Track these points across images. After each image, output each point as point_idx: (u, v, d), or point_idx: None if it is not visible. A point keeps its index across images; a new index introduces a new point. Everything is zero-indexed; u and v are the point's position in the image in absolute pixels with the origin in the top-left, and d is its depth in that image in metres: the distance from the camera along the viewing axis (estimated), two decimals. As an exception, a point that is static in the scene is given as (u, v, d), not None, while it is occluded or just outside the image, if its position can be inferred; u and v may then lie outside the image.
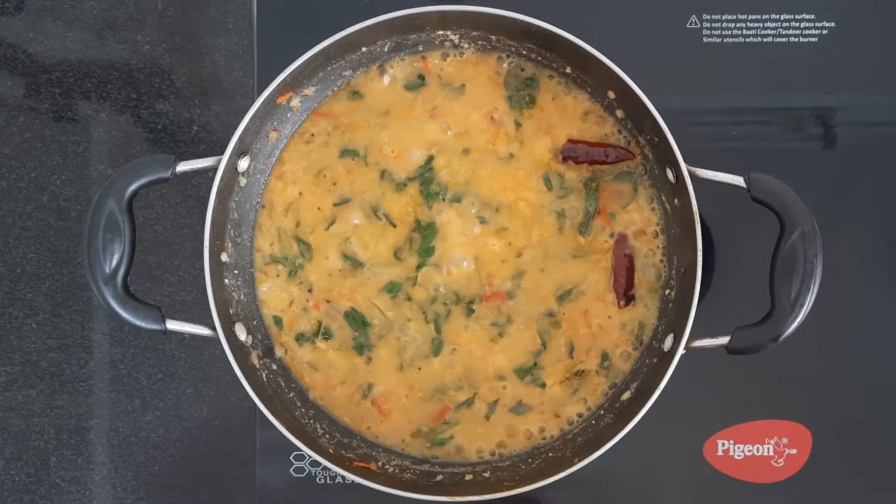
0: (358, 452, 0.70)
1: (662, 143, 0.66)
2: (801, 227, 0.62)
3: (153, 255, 0.78)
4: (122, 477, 0.78)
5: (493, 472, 0.70)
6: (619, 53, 0.66)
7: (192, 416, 0.77)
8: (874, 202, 0.77)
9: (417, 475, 0.70)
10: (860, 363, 0.76)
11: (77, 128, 0.79)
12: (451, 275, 0.71)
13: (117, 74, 0.79)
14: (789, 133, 0.78)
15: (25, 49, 0.79)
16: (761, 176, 0.63)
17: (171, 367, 0.78)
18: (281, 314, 0.72)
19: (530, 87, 0.72)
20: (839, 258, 0.69)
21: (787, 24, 0.77)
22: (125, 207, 0.62)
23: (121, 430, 0.78)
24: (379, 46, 0.71)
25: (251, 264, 0.72)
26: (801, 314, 0.62)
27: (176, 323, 0.64)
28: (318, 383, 0.72)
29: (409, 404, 0.72)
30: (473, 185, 0.72)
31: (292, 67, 0.66)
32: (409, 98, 0.73)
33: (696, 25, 0.78)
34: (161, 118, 0.79)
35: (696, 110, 0.78)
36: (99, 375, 0.77)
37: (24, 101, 0.79)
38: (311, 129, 0.73)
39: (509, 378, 0.71)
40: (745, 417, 0.75)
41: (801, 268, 0.61)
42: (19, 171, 0.79)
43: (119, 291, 0.62)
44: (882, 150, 0.78)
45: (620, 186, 0.72)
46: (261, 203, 0.72)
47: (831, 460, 0.75)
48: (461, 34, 0.71)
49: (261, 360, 0.70)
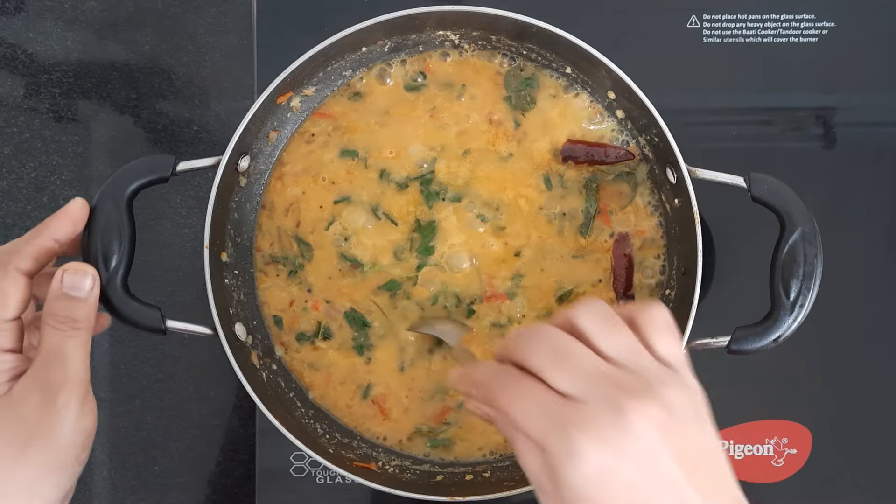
0: (358, 452, 0.70)
1: (662, 143, 0.66)
2: (801, 228, 0.62)
3: (153, 255, 0.78)
4: (122, 477, 0.78)
5: (493, 473, 0.70)
6: (619, 53, 0.66)
7: (192, 416, 0.77)
8: (875, 202, 0.77)
9: (417, 475, 0.70)
10: (861, 363, 0.76)
11: (77, 128, 0.79)
12: (452, 275, 0.71)
13: (117, 74, 0.79)
14: (789, 133, 0.78)
15: (25, 49, 0.79)
16: (761, 176, 0.63)
17: (171, 367, 0.78)
18: (281, 314, 0.72)
19: (530, 87, 0.72)
20: (840, 258, 0.69)
21: (787, 23, 0.77)
22: (125, 207, 0.62)
23: (121, 430, 0.78)
24: (379, 46, 0.71)
25: (251, 264, 0.72)
26: (801, 314, 0.62)
27: (176, 323, 0.64)
28: (318, 383, 0.72)
29: (409, 404, 0.72)
30: (473, 185, 0.72)
31: (292, 67, 0.66)
32: (408, 98, 0.73)
33: (696, 25, 0.77)
34: (161, 118, 0.79)
35: (696, 110, 0.78)
36: (99, 375, 0.77)
37: (24, 101, 0.79)
38: (312, 129, 0.73)
39: (509, 378, 0.71)
40: (745, 417, 0.75)
41: (802, 268, 0.61)
42: (19, 171, 0.79)
43: (119, 291, 0.62)
44: (882, 150, 0.78)
45: (620, 186, 0.72)
46: (261, 203, 0.72)
47: (832, 460, 0.75)
48: (461, 34, 0.71)
49: (261, 360, 0.70)
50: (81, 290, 0.53)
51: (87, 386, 0.52)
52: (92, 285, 0.54)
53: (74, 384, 0.51)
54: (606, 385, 0.42)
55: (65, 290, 0.53)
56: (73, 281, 0.53)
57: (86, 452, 0.53)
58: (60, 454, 0.51)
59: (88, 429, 0.53)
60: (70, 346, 0.52)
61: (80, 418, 0.52)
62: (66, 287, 0.53)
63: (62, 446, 0.51)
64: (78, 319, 0.53)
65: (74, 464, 0.52)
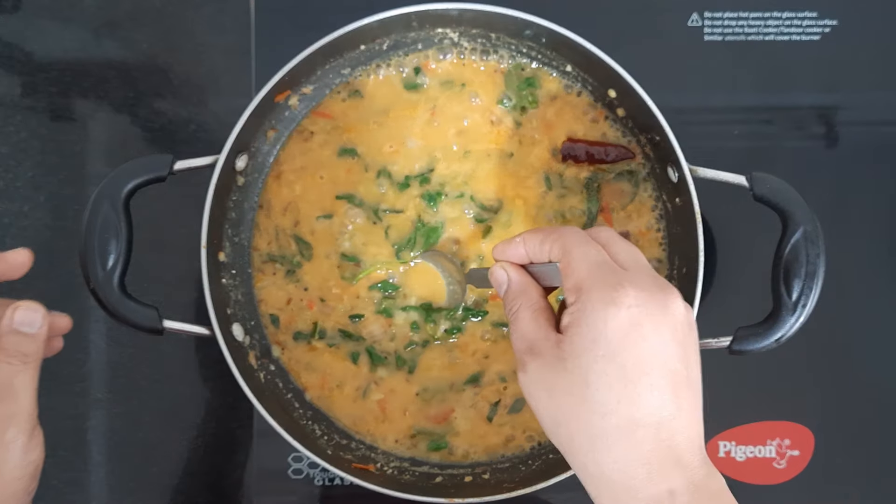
0: (356, 454, 0.70)
1: (663, 141, 0.66)
2: (803, 227, 0.61)
3: (150, 255, 0.77)
4: (120, 478, 0.77)
5: (492, 474, 0.70)
6: (619, 51, 0.66)
7: (190, 417, 0.77)
8: (877, 201, 0.77)
9: (416, 477, 0.69)
10: (863, 364, 0.76)
11: (74, 127, 0.79)
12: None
13: (115, 73, 0.78)
14: (791, 132, 0.77)
15: (22, 48, 0.79)
16: (763, 175, 0.63)
17: (169, 367, 0.77)
18: (278, 312, 0.71)
19: (530, 86, 0.72)
20: (842, 258, 0.68)
21: (788, 22, 0.77)
22: (122, 207, 0.62)
23: (118, 432, 0.77)
24: (378, 44, 0.71)
25: (249, 263, 0.72)
26: (803, 314, 0.61)
27: (173, 323, 0.63)
28: (316, 384, 0.72)
29: (408, 405, 0.71)
30: (473, 184, 0.71)
31: (290, 66, 0.65)
32: (408, 97, 0.72)
33: (698, 24, 0.77)
34: (159, 117, 0.79)
35: (697, 109, 0.78)
36: (96, 376, 0.77)
37: (21, 100, 0.79)
38: (310, 127, 0.72)
39: (510, 378, 0.71)
40: (746, 419, 0.74)
41: (804, 268, 0.61)
42: (16, 170, 0.78)
43: (116, 291, 0.61)
44: (884, 148, 0.77)
45: (621, 186, 0.71)
46: (259, 202, 0.72)
47: (834, 462, 0.75)
48: (460, 32, 0.71)
49: (258, 360, 0.70)
50: (32, 327, 0.54)
51: (35, 419, 0.54)
52: (42, 323, 0.55)
53: (23, 418, 0.53)
54: (649, 268, 0.51)
55: (16, 326, 0.54)
56: (25, 318, 0.54)
57: (35, 483, 0.55)
58: (9, 487, 0.52)
59: (36, 461, 0.54)
60: (19, 381, 0.53)
61: (28, 452, 0.53)
62: (17, 323, 0.54)
63: (9, 480, 0.52)
64: (28, 354, 0.54)
65: (23, 495, 0.54)
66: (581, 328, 0.47)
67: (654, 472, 0.46)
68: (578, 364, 0.47)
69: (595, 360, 0.47)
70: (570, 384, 0.47)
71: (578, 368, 0.47)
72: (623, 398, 0.46)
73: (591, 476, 0.48)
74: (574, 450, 0.48)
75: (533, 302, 0.52)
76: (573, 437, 0.48)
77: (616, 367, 0.46)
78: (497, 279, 0.55)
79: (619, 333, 0.46)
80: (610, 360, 0.46)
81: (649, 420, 0.46)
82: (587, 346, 0.47)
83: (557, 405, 0.48)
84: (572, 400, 0.47)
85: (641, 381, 0.46)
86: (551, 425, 0.49)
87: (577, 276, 0.49)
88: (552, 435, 0.50)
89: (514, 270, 0.54)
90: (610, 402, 0.46)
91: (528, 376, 0.50)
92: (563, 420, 0.48)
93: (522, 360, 0.50)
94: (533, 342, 0.50)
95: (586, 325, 0.47)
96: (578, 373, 0.47)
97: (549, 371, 0.48)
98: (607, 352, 0.46)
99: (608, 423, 0.46)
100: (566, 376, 0.48)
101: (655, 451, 0.46)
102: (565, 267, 0.50)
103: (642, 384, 0.46)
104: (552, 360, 0.48)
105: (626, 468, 0.46)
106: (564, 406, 0.48)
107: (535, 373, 0.49)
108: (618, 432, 0.46)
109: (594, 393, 0.47)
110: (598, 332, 0.47)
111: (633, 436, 0.46)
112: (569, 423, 0.48)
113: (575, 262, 0.49)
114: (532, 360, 0.49)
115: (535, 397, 0.50)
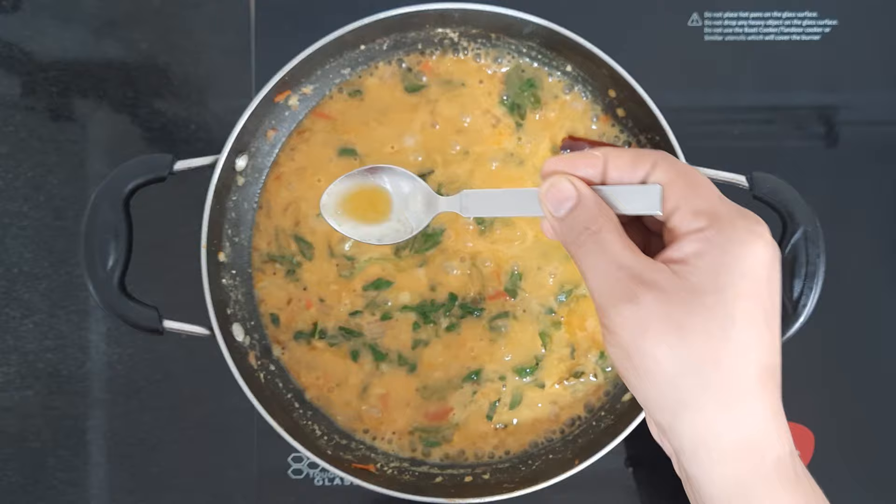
0: (356, 454, 0.70)
1: (663, 141, 0.66)
2: (803, 227, 0.61)
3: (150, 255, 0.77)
4: (120, 478, 0.77)
5: (492, 474, 0.70)
6: (619, 51, 0.66)
7: (190, 417, 0.77)
8: (877, 201, 0.77)
9: (416, 477, 0.69)
10: (863, 364, 0.76)
11: (74, 127, 0.78)
12: (452, 274, 0.71)
13: (114, 73, 0.78)
14: (791, 132, 0.77)
15: (22, 47, 0.79)
16: (763, 175, 0.63)
17: (169, 367, 0.77)
18: (278, 312, 0.71)
19: (531, 86, 0.72)
20: (842, 258, 0.68)
21: (789, 22, 0.77)
22: (122, 207, 0.62)
23: (118, 431, 0.77)
24: (377, 44, 0.71)
25: (249, 263, 0.72)
26: (804, 314, 0.61)
27: (173, 323, 0.63)
28: (316, 384, 0.72)
29: (407, 405, 0.71)
30: (474, 184, 0.71)
31: (290, 66, 0.65)
32: (408, 97, 0.72)
33: (698, 23, 0.77)
34: (158, 117, 0.78)
35: (697, 109, 0.78)
36: (96, 376, 0.77)
37: (21, 100, 0.79)
38: (310, 127, 0.72)
39: (509, 378, 0.71)
40: (746, 418, 0.74)
41: (804, 268, 0.61)
42: (16, 170, 0.78)
43: (116, 291, 0.61)
44: (884, 148, 0.77)
45: (621, 186, 0.71)
46: (259, 202, 0.72)
47: (834, 462, 0.74)
48: (460, 32, 0.71)
49: (258, 360, 0.70)
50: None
51: None
52: None
53: None
54: None
55: None
56: None
57: None
58: None
59: None
60: None
61: None
62: None
63: None
64: None
65: None
66: (726, 258, 0.40)
67: (781, 428, 0.41)
68: (722, 300, 0.40)
69: (740, 296, 0.40)
70: (709, 322, 0.40)
71: (722, 304, 0.40)
72: (765, 343, 0.41)
73: (714, 436, 0.41)
74: (700, 404, 0.41)
75: (616, 223, 0.44)
76: (707, 387, 0.41)
77: (761, 309, 0.41)
78: (562, 193, 0.45)
79: (765, 271, 0.41)
80: (756, 299, 0.40)
81: (778, 372, 0.42)
82: (734, 280, 0.40)
83: (690, 347, 0.40)
84: (712, 343, 0.40)
85: (776, 325, 0.41)
86: (674, 374, 0.41)
87: (710, 202, 0.42)
88: (671, 387, 0.41)
89: (585, 186, 0.45)
90: (753, 347, 0.40)
91: (646, 311, 0.41)
92: (697, 366, 0.40)
93: (633, 291, 0.41)
94: (640, 271, 0.42)
95: (732, 256, 0.40)
96: (721, 309, 0.40)
97: (677, 305, 0.40)
98: (755, 290, 0.41)
99: (750, 372, 0.40)
100: (704, 313, 0.40)
101: (780, 406, 0.42)
102: (687, 189, 0.42)
103: (776, 329, 0.41)
104: (680, 293, 0.41)
105: (761, 424, 0.41)
106: (701, 348, 0.40)
107: (656, 307, 0.41)
108: (758, 384, 0.41)
109: (739, 334, 0.40)
110: (746, 265, 0.40)
111: (767, 388, 0.41)
112: (701, 371, 0.40)
113: (703, 188, 0.42)
114: (647, 292, 0.41)
115: (656, 339, 0.41)
